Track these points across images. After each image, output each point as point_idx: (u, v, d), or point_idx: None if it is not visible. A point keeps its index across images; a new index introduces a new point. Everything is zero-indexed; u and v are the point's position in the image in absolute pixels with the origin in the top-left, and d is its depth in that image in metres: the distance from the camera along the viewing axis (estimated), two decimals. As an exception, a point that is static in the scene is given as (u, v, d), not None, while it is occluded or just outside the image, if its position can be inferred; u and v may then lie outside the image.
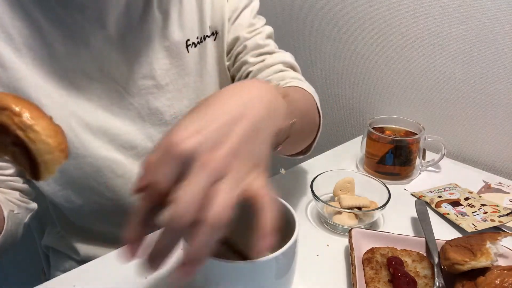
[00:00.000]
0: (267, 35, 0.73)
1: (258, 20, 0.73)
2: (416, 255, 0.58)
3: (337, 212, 0.66)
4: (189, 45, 0.67)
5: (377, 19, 1.00)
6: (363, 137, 0.85)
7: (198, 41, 0.68)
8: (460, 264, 0.50)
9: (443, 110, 0.94)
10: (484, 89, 0.86)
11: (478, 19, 0.83)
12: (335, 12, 1.09)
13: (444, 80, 0.92)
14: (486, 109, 0.87)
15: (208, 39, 0.69)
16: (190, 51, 0.67)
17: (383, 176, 0.80)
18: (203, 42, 0.69)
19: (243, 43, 0.71)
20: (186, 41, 0.67)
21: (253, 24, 0.72)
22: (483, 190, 0.78)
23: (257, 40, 0.71)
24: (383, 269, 0.55)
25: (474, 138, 0.91)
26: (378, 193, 0.67)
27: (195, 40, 0.67)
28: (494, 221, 0.67)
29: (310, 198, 0.73)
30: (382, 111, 1.05)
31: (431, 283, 0.53)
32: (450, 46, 0.89)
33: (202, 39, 0.68)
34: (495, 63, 0.83)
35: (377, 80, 1.05)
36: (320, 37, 1.16)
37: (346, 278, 0.57)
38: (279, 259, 0.43)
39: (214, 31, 0.69)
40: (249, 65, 0.71)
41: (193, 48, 0.67)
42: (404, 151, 0.80)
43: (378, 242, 0.60)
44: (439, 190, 0.77)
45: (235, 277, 0.42)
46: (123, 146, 0.65)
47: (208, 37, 0.69)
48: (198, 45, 0.68)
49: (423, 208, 0.68)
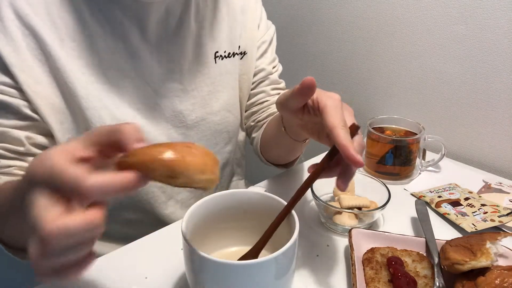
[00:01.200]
0: (279, 72, 0.84)
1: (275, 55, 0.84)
2: (416, 255, 0.58)
3: (337, 212, 0.66)
4: (217, 56, 0.72)
5: (377, 19, 1.00)
6: (363, 137, 0.85)
7: (225, 55, 0.73)
8: (460, 264, 0.50)
9: (443, 110, 0.94)
10: (484, 89, 0.86)
11: (478, 19, 0.83)
12: (335, 12, 1.09)
13: (444, 80, 0.92)
14: (486, 109, 0.87)
15: (236, 56, 0.75)
16: (217, 62, 0.72)
17: (383, 176, 0.80)
18: (231, 57, 0.74)
19: (267, 76, 0.80)
20: (215, 53, 0.72)
21: (275, 59, 0.83)
22: (483, 190, 0.78)
23: (276, 76, 0.82)
24: (383, 269, 0.55)
25: (474, 138, 0.91)
26: (378, 193, 0.67)
27: (223, 53, 0.73)
28: (494, 221, 0.67)
29: (310, 198, 0.73)
30: (382, 111, 1.05)
31: (431, 283, 0.53)
32: (450, 46, 0.89)
33: (230, 54, 0.74)
34: (495, 63, 0.83)
35: (377, 80, 1.05)
36: (320, 37, 1.16)
37: (346, 278, 0.57)
38: (279, 259, 0.43)
39: (243, 51, 0.76)
40: (266, 95, 0.81)
41: (220, 60, 0.73)
42: (404, 151, 0.80)
43: (378, 242, 0.60)
44: (439, 190, 0.77)
45: (235, 277, 0.42)
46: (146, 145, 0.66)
47: (237, 54, 0.75)
48: (225, 58, 0.73)
49: (423, 208, 0.68)
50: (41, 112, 0.59)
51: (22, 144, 0.59)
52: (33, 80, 0.58)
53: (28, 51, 0.58)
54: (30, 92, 0.58)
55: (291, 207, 0.48)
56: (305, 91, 0.48)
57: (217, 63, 0.72)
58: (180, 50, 0.68)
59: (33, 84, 0.58)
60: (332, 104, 0.48)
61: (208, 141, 0.74)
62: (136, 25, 0.63)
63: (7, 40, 0.56)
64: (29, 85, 0.58)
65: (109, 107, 0.63)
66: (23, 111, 0.58)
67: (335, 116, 0.47)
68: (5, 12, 0.56)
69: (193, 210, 0.49)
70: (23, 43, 0.57)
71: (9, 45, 0.56)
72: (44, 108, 0.59)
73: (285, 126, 0.65)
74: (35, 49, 0.58)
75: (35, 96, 0.58)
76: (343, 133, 0.45)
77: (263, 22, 0.80)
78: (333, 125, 0.46)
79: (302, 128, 0.58)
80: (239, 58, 0.76)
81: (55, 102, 0.60)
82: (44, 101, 0.59)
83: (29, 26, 0.57)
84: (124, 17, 0.62)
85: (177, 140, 0.70)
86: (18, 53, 0.57)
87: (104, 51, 0.62)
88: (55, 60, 0.59)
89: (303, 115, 0.53)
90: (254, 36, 0.77)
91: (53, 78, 0.60)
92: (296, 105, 0.52)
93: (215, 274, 0.43)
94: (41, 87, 0.59)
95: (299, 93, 0.49)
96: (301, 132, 0.60)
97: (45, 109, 0.59)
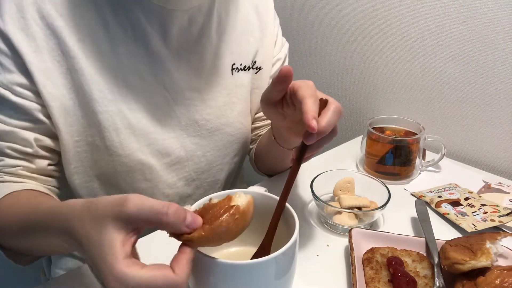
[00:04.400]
0: None
1: None
2: (416, 255, 0.58)
3: (337, 212, 0.66)
4: (234, 68, 0.73)
5: (377, 19, 1.00)
6: (363, 137, 0.85)
7: (241, 68, 0.74)
8: (460, 264, 0.50)
9: (443, 110, 0.94)
10: (484, 89, 0.86)
11: (478, 19, 0.83)
12: (335, 12, 1.09)
13: (444, 80, 0.92)
14: (486, 109, 0.87)
15: (251, 70, 0.76)
16: (234, 74, 0.73)
17: (383, 176, 0.80)
18: (246, 70, 0.75)
19: None
20: (232, 64, 0.72)
21: None
22: (483, 190, 0.78)
23: None
24: (383, 269, 0.55)
25: (474, 138, 0.91)
26: (378, 193, 0.67)
27: (239, 65, 0.74)
28: (494, 221, 0.67)
29: (310, 198, 0.73)
30: (382, 111, 1.05)
31: (431, 283, 0.53)
32: (450, 46, 0.89)
33: (245, 67, 0.74)
34: (495, 63, 0.83)
35: (377, 80, 1.05)
36: (320, 37, 1.16)
37: (346, 278, 0.57)
38: (279, 259, 0.43)
39: (259, 67, 0.77)
40: None
41: (236, 72, 0.73)
42: (404, 151, 0.80)
43: (378, 242, 0.60)
44: (439, 190, 0.77)
45: (235, 277, 0.42)
46: (159, 152, 0.67)
47: (252, 68, 0.76)
48: (240, 71, 0.74)
49: (423, 208, 0.68)
50: (53, 114, 0.59)
51: (31, 145, 0.59)
52: (50, 82, 0.58)
53: (48, 53, 0.57)
54: (45, 94, 0.57)
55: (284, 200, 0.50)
56: (283, 78, 0.51)
57: (233, 75, 0.73)
58: (199, 59, 0.68)
59: (50, 85, 0.58)
60: (304, 85, 0.51)
61: (219, 151, 0.74)
62: (158, 31, 0.63)
63: (29, 40, 0.56)
64: (45, 86, 0.57)
65: (123, 111, 0.62)
66: (35, 114, 0.58)
67: (305, 90, 0.50)
68: (28, 10, 0.56)
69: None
70: (44, 43, 0.57)
71: (30, 45, 0.56)
72: (55, 110, 0.59)
73: (274, 134, 0.68)
74: (55, 50, 0.58)
75: (49, 98, 0.58)
76: (310, 102, 0.48)
77: (279, 39, 0.82)
78: (302, 96, 0.49)
79: (288, 131, 0.60)
80: (254, 72, 0.77)
81: (68, 104, 0.60)
82: (57, 103, 0.59)
83: (51, 27, 0.57)
84: (147, 23, 0.62)
85: (190, 148, 0.70)
86: (39, 53, 0.57)
87: (124, 55, 0.61)
88: (73, 62, 0.58)
89: (283, 109, 0.56)
90: (270, 53, 0.79)
91: (70, 80, 0.59)
92: (276, 96, 0.55)
93: (215, 274, 0.43)
94: (55, 88, 0.58)
95: (278, 81, 0.52)
96: (289, 137, 0.62)
97: (57, 111, 0.59)
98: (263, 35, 0.77)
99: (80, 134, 0.62)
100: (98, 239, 0.36)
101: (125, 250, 0.36)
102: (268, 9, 0.79)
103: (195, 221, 0.38)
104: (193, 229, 0.38)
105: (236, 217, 0.39)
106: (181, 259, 0.37)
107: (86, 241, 0.37)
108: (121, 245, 0.36)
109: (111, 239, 0.36)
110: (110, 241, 0.35)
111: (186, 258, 0.38)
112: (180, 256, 0.38)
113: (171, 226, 0.37)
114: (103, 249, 0.35)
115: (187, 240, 0.38)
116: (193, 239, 0.38)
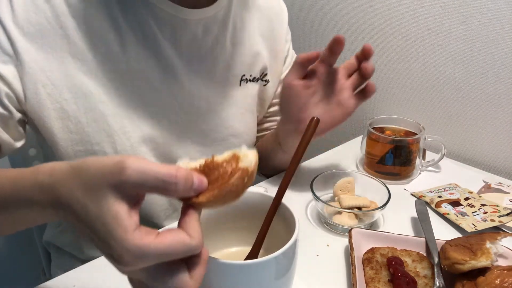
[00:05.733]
0: None
1: None
2: (416, 255, 0.58)
3: (337, 212, 0.66)
4: (243, 80, 0.72)
5: (377, 19, 1.00)
6: (363, 137, 0.85)
7: (250, 79, 0.73)
8: (460, 264, 0.50)
9: (443, 110, 0.94)
10: (484, 89, 0.86)
11: (479, 19, 0.83)
12: (335, 12, 1.09)
13: (444, 80, 0.92)
14: (486, 109, 0.87)
15: (260, 81, 0.76)
16: (242, 85, 0.73)
17: (383, 176, 0.80)
18: (255, 81, 0.75)
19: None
20: (241, 76, 0.72)
21: None
22: (483, 190, 0.78)
23: None
24: (383, 269, 0.55)
25: (474, 138, 0.91)
26: (378, 193, 0.67)
27: (249, 76, 0.73)
28: (494, 221, 0.67)
29: (310, 198, 0.73)
30: (382, 111, 1.05)
31: (431, 283, 0.53)
32: (450, 46, 0.89)
33: (255, 78, 0.74)
34: (495, 63, 0.83)
35: (377, 80, 1.05)
36: (320, 37, 1.16)
37: (346, 278, 0.57)
38: (279, 259, 0.43)
39: (267, 80, 0.77)
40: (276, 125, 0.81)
41: (245, 83, 0.73)
42: (404, 151, 0.80)
43: (378, 242, 0.60)
44: (439, 190, 0.77)
45: (235, 277, 0.42)
46: (163, 157, 0.67)
47: (261, 80, 0.76)
48: (249, 82, 0.74)
49: (423, 208, 0.67)
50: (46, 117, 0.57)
51: None
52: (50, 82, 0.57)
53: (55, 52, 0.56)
54: (43, 94, 0.56)
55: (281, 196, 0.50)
56: (336, 46, 0.63)
57: (241, 85, 0.73)
58: (210, 68, 0.68)
59: (50, 86, 0.57)
60: None
61: None
62: (169, 39, 0.62)
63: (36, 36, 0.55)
64: (45, 86, 0.56)
65: (131, 117, 0.62)
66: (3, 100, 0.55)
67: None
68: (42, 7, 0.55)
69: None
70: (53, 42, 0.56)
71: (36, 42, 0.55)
72: (52, 113, 0.58)
73: (280, 142, 0.70)
74: (64, 50, 0.57)
75: (45, 98, 0.57)
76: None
77: (290, 56, 0.82)
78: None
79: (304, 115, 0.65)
80: (262, 84, 0.77)
81: (70, 109, 0.58)
82: (56, 105, 0.58)
83: (63, 26, 0.56)
84: (158, 30, 0.61)
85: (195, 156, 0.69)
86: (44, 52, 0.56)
87: (134, 59, 0.60)
88: (82, 66, 0.58)
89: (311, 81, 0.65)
90: (279, 69, 0.80)
91: (75, 83, 0.58)
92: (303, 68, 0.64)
93: (215, 274, 0.43)
94: (56, 90, 0.57)
95: (329, 48, 0.63)
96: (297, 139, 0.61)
97: (53, 113, 0.58)
98: (275, 49, 0.77)
99: (85, 143, 0.61)
100: (99, 211, 0.32)
101: (133, 220, 0.32)
102: (283, 23, 0.79)
103: (201, 184, 0.35)
104: (199, 193, 0.35)
105: (246, 181, 0.37)
106: (191, 221, 0.35)
107: (84, 214, 0.32)
108: (128, 216, 0.32)
109: (115, 211, 0.31)
110: (115, 213, 0.31)
111: (195, 219, 0.35)
112: (188, 218, 0.35)
113: (180, 194, 0.34)
114: (107, 223, 0.31)
115: (193, 203, 0.36)
116: (202, 203, 0.35)
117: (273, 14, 0.77)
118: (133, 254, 0.31)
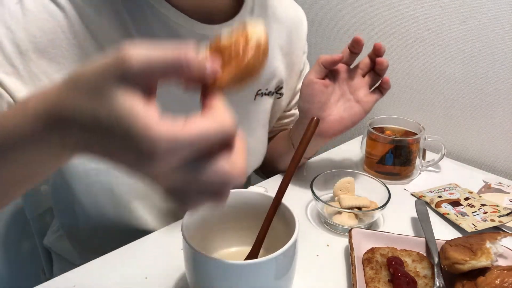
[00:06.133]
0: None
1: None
2: (416, 255, 0.58)
3: (337, 212, 0.66)
4: (258, 94, 0.72)
5: (377, 19, 1.00)
6: (363, 137, 0.85)
7: (266, 93, 0.72)
8: (460, 264, 0.50)
9: (443, 110, 0.94)
10: (484, 89, 0.86)
11: (479, 19, 0.83)
12: (335, 12, 1.09)
13: (444, 80, 0.92)
14: (486, 109, 0.87)
15: (274, 95, 0.75)
16: (256, 99, 0.72)
17: (383, 176, 0.80)
18: (270, 95, 0.74)
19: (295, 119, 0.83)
20: (257, 90, 0.71)
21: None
22: (483, 190, 0.78)
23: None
24: (383, 269, 0.55)
25: (474, 138, 0.91)
26: (378, 193, 0.67)
27: (264, 91, 0.72)
28: (494, 221, 0.67)
29: (310, 198, 0.73)
30: (382, 111, 1.05)
31: (431, 283, 0.53)
32: (450, 46, 0.89)
33: (270, 92, 0.73)
34: (495, 63, 0.83)
35: (377, 80, 1.05)
36: (320, 37, 1.15)
37: (346, 278, 0.57)
38: (279, 259, 0.43)
39: (282, 93, 0.76)
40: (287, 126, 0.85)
41: (260, 97, 0.72)
42: (404, 151, 0.80)
43: (378, 242, 0.60)
44: (439, 190, 0.77)
45: (235, 277, 0.42)
46: None
47: (276, 93, 0.75)
48: (264, 96, 0.73)
49: (423, 208, 0.68)
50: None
51: None
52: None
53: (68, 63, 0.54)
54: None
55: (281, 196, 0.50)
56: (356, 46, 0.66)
57: (256, 99, 0.72)
58: None
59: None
60: None
61: None
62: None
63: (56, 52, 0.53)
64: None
65: None
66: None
67: None
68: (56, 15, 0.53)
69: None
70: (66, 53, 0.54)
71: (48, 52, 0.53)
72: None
73: (294, 143, 0.70)
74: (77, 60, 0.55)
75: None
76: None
77: (305, 69, 0.83)
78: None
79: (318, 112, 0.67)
80: (277, 97, 0.76)
81: None
82: None
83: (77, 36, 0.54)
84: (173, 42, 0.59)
85: None
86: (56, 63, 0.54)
87: None
88: None
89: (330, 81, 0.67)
90: (294, 83, 0.80)
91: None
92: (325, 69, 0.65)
93: (215, 274, 0.43)
94: None
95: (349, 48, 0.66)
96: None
97: None
98: (292, 62, 0.76)
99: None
100: (112, 112, 0.27)
101: (153, 111, 0.28)
102: (302, 36, 0.79)
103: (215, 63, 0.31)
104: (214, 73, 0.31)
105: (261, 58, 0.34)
106: (217, 104, 0.31)
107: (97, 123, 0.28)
108: (145, 108, 0.27)
109: (129, 105, 0.27)
110: (129, 108, 0.27)
111: (221, 102, 0.31)
112: (214, 102, 0.31)
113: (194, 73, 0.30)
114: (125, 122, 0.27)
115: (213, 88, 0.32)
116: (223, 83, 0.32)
117: (293, 26, 0.76)
118: (165, 146, 0.27)
